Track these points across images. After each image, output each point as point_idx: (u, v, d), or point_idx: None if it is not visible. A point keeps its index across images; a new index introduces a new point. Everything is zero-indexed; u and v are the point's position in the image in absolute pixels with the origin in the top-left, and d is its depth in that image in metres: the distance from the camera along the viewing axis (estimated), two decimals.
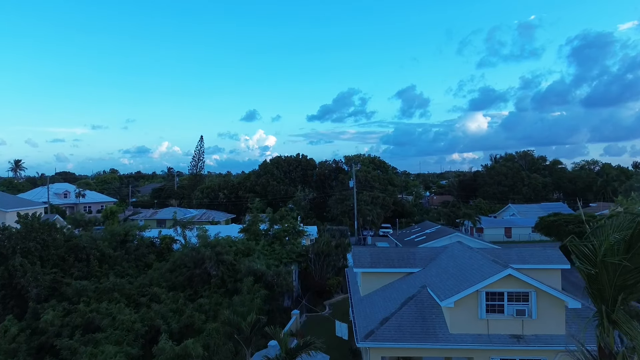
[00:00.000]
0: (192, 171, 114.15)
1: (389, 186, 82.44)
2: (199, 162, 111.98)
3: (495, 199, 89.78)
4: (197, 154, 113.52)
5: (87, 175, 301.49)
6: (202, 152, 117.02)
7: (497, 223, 68.84)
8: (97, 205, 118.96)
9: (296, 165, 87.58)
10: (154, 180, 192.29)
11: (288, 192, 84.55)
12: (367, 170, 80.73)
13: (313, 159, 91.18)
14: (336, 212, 76.35)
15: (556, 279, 24.38)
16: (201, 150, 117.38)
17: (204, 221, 76.96)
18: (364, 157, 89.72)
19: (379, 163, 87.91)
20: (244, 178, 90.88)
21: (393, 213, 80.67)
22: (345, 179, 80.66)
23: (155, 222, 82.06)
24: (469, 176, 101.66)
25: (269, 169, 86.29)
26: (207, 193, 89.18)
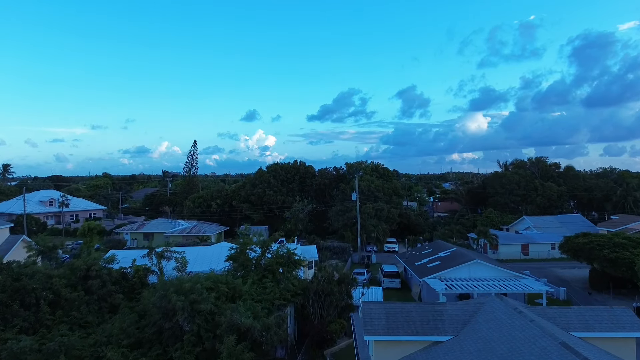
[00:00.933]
0: (185, 176, 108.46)
1: (394, 196, 76.67)
2: (192, 168, 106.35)
3: (506, 209, 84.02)
4: (191, 159, 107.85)
5: (86, 175, 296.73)
6: (195, 157, 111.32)
7: (514, 239, 63.07)
8: (85, 214, 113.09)
9: (294, 174, 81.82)
10: (148, 184, 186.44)
11: (285, 202, 78.81)
12: (370, 180, 74.95)
13: (312, 167, 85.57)
14: (337, 224, 70.60)
15: (630, 351, 18.65)
16: (194, 155, 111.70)
17: (193, 235, 71.18)
18: (366, 164, 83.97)
19: (383, 171, 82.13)
20: (239, 187, 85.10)
21: (398, 226, 74.91)
22: (347, 189, 74.89)
23: (142, 236, 76.23)
24: (477, 184, 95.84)
25: (265, 177, 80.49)
26: (199, 203, 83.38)
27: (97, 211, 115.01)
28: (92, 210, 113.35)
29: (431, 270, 40.91)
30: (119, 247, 70.81)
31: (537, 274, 51.78)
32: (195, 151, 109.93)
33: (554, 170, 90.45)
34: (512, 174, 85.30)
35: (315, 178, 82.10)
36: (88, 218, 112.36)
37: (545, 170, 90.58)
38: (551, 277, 52.04)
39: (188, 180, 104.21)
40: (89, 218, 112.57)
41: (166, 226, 76.38)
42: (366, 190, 72.00)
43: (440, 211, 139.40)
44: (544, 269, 55.33)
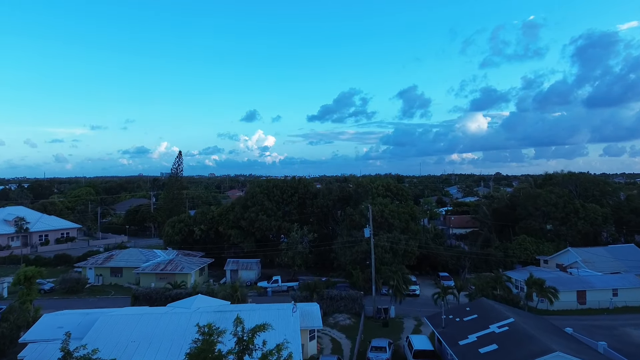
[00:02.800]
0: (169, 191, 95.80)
1: (411, 222, 64.00)
2: (177, 183, 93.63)
3: (541, 235, 71.38)
4: (175, 170, 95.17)
5: (86, 176, 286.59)
6: (180, 169, 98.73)
7: (567, 283, 50.33)
8: (56, 233, 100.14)
9: (292, 193, 69.14)
10: (136, 194, 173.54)
11: (282, 228, 66.16)
12: (383, 203, 62.25)
13: (313, 183, 72.72)
14: (344, 259, 57.98)
15: None
16: (179, 167, 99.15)
17: (168, 273, 58.53)
18: (376, 182, 71.23)
19: (396, 190, 69.44)
20: (227, 209, 72.42)
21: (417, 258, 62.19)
22: (355, 215, 62.20)
23: (108, 272, 63.54)
24: (504, 202, 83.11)
25: (258, 198, 67.79)
26: (179, 229, 70.66)
27: (71, 230, 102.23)
28: (64, 230, 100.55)
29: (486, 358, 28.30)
30: (77, 290, 58.12)
31: (603, 335, 39.31)
32: (180, 163, 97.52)
33: (593, 189, 77.63)
34: (547, 192, 72.55)
35: (317, 198, 69.44)
36: (60, 239, 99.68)
37: (585, 187, 77.85)
38: (624, 341, 39.52)
39: (171, 197, 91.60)
40: (61, 238, 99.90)
41: (138, 259, 63.76)
42: (378, 216, 59.33)
43: (454, 226, 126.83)
44: (612, 329, 42.74)
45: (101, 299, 55.19)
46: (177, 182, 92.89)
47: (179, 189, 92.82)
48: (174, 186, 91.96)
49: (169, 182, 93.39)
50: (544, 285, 40.92)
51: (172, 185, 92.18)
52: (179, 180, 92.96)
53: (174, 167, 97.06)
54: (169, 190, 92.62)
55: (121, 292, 58.30)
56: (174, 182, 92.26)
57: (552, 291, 40.47)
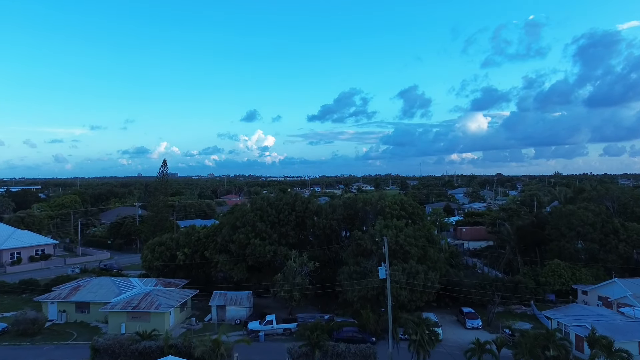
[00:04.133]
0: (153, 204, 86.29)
1: (429, 248, 54.67)
2: (162, 197, 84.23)
3: (576, 259, 62.18)
4: (160, 183, 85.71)
5: (85, 177, 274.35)
6: (165, 179, 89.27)
7: (627, 332, 41.06)
8: (30, 250, 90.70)
9: (288, 212, 59.76)
10: (126, 201, 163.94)
11: (277, 253, 56.85)
12: (397, 227, 52.89)
13: (313, 199, 63.38)
14: (351, 296, 48.70)
15: None
16: (164, 178, 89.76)
17: (142, 312, 49.15)
18: (386, 198, 61.85)
19: (411, 208, 60.06)
20: (214, 229, 63.05)
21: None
22: (364, 240, 52.88)
23: (73, 308, 54.15)
24: (528, 220, 73.62)
25: (249, 218, 58.38)
26: (160, 253, 61.28)
27: (47, 246, 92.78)
28: (39, 246, 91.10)
29: None
30: (33, 332, 48.53)
31: None
32: (165, 172, 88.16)
33: (633, 206, 68.24)
34: (582, 210, 63.24)
35: (319, 218, 60.06)
36: (34, 256, 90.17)
37: (623, 204, 68.52)
38: None
39: (156, 212, 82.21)
40: (35, 256, 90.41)
41: (109, 291, 54.41)
42: (392, 243, 49.96)
43: (466, 238, 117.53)
44: None
45: (59, 346, 45.77)
46: (162, 194, 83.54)
47: (165, 203, 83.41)
48: (159, 200, 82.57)
49: (153, 194, 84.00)
50: (612, 347, 31.58)
51: (157, 198, 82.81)
52: (164, 191, 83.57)
53: (159, 177, 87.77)
54: (153, 204, 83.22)
55: (86, 333, 48.95)
56: (159, 196, 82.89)
57: (625, 356, 31.15)
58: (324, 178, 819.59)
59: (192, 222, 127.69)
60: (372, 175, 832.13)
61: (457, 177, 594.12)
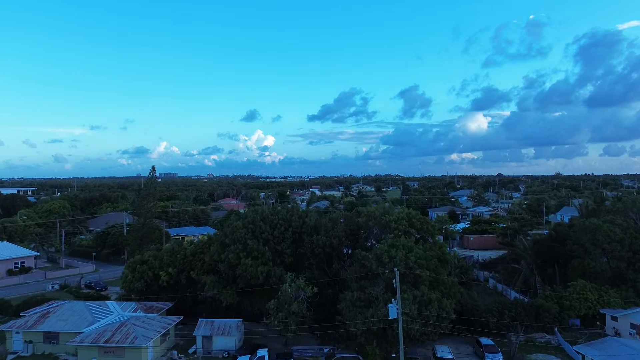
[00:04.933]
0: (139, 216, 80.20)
1: (441, 269, 48.68)
2: (150, 205, 78.12)
3: (601, 277, 56.19)
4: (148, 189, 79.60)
5: (85, 177, 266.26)
6: (154, 185, 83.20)
7: None
8: (8, 263, 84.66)
9: (284, 229, 53.76)
10: (118, 206, 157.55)
11: (271, 275, 50.83)
12: (406, 246, 46.90)
13: (311, 212, 57.37)
14: (355, 329, 42.69)
15: None
16: (153, 183, 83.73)
17: (116, 346, 43.16)
18: (392, 212, 55.76)
19: (420, 224, 53.93)
20: (202, 246, 57.02)
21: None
22: (369, 260, 46.92)
23: (41, 337, 48.11)
24: (547, 236, 67.40)
25: (240, 235, 52.35)
26: (142, 273, 55.26)
27: (27, 259, 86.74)
28: (18, 259, 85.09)
29: None
30: None
31: None
32: (153, 178, 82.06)
33: None
34: (609, 225, 57.25)
35: (318, 234, 54.00)
36: (12, 270, 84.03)
37: None
38: None
39: (142, 224, 76.15)
40: (14, 269, 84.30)
41: (81, 318, 48.41)
42: (401, 266, 43.97)
43: (473, 247, 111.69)
44: None
45: None
46: (150, 203, 77.55)
47: (152, 214, 77.41)
48: (146, 210, 76.54)
49: (140, 204, 77.97)
50: None
51: (143, 208, 76.80)
52: (151, 200, 77.59)
53: (146, 184, 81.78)
54: (139, 214, 77.20)
55: None
56: (146, 205, 76.88)
57: None
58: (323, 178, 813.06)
59: (184, 230, 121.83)
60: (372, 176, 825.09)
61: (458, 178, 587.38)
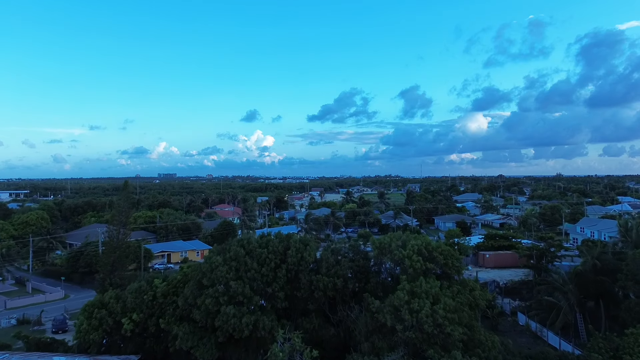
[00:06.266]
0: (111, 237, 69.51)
1: (475, 321, 38.26)
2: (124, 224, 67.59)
3: None
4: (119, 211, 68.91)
5: (83, 177, 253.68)
6: (128, 204, 72.77)
7: None
8: None
9: (276, 265, 43.28)
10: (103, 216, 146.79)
11: (259, 327, 40.33)
12: (431, 294, 36.48)
13: (312, 244, 46.76)
14: None
15: None
16: (128, 199, 73.32)
17: None
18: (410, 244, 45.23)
19: (443, 258, 43.39)
20: (175, 285, 46.44)
21: None
22: (382, 311, 36.49)
23: None
24: (590, 267, 56.73)
25: (219, 274, 41.84)
26: (100, 320, 44.71)
27: None
28: None
29: None
30: None
31: None
32: (129, 193, 71.72)
33: None
34: None
35: (317, 274, 43.52)
36: None
37: None
38: None
39: (114, 246, 65.60)
40: None
41: None
42: (428, 323, 33.55)
43: (489, 265, 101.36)
44: None
45: None
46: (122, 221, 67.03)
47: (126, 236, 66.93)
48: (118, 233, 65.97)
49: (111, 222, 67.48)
50: None
51: (115, 228, 66.27)
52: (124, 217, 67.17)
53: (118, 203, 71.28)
54: (111, 235, 66.74)
55: None
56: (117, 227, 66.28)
57: None
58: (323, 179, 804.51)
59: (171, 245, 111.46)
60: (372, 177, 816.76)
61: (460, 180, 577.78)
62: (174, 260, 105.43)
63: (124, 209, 67.47)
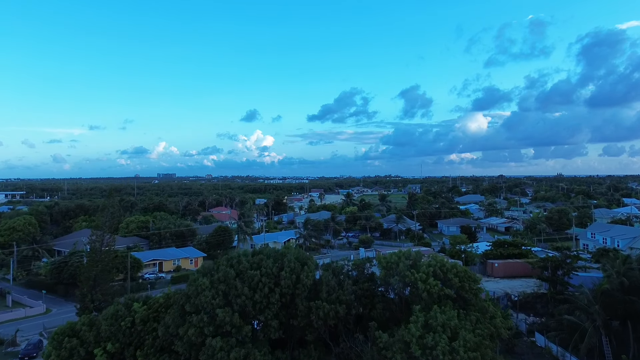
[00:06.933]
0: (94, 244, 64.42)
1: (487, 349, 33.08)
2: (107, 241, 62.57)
3: None
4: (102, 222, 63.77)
5: (83, 177, 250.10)
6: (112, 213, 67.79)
7: None
8: None
9: (270, 288, 38.12)
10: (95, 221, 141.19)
11: None
12: (448, 326, 31.34)
13: (311, 263, 41.54)
14: None
15: None
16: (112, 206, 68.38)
17: None
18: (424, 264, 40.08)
19: (459, 280, 38.28)
20: (158, 307, 41.25)
21: None
22: (390, 349, 31.34)
23: None
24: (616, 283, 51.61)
25: (205, 299, 36.71)
26: (70, 351, 39.51)
27: None
28: None
29: None
30: None
31: None
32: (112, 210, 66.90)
33: None
34: None
35: (317, 300, 38.38)
36: None
37: None
38: None
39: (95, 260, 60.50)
40: None
41: None
42: (440, 357, 28.42)
43: (498, 275, 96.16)
44: None
45: None
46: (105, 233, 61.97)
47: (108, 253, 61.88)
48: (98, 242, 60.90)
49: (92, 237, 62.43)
50: None
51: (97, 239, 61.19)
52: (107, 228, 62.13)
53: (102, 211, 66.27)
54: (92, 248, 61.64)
55: None
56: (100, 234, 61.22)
57: None
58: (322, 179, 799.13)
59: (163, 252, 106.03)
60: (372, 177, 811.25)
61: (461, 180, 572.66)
62: (166, 268, 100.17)
63: (108, 218, 62.37)
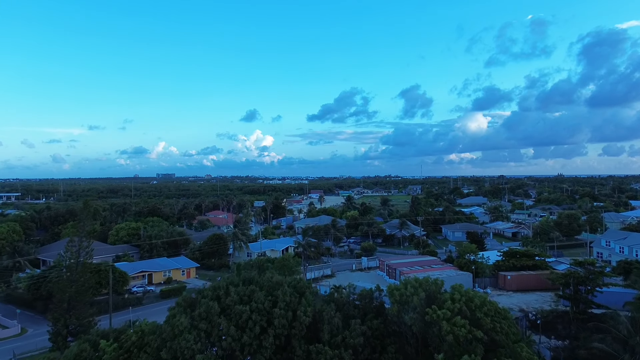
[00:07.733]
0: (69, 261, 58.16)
1: None
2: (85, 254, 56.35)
3: None
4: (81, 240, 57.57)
5: (82, 177, 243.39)
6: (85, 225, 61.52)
7: None
8: None
9: (261, 329, 31.78)
10: None
11: None
12: None
13: (309, 295, 35.21)
14: None
15: None
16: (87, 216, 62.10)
17: None
18: (447, 298, 33.82)
19: (490, 321, 32.01)
20: (129, 347, 34.81)
21: None
22: None
23: None
24: None
25: (183, 343, 30.38)
26: None
27: None
28: None
29: None
30: None
31: None
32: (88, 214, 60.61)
33: None
34: None
35: (317, 341, 32.10)
36: None
37: None
38: None
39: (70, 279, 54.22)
40: None
41: None
42: None
43: (510, 288, 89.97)
44: None
45: None
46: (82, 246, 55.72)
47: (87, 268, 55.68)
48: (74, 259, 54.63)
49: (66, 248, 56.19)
50: None
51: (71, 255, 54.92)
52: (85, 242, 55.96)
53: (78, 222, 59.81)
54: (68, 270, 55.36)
55: None
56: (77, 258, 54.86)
57: None
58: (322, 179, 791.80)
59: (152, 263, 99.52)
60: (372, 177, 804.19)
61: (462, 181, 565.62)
62: (156, 280, 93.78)
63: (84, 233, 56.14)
